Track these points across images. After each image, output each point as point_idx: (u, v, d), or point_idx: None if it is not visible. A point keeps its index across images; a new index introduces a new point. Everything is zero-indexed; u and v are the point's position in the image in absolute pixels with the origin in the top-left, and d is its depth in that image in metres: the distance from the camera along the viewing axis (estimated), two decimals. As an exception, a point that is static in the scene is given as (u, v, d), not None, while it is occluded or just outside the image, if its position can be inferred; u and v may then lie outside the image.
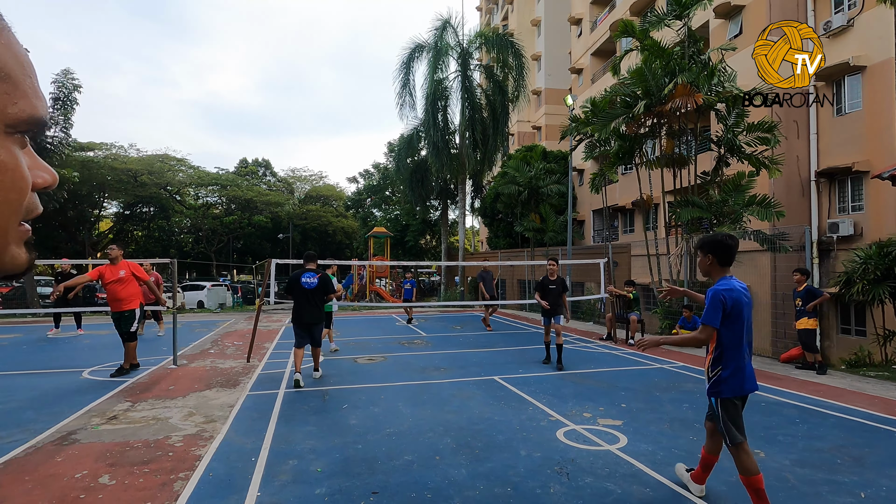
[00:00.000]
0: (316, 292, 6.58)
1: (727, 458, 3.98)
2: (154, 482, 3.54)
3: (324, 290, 6.61)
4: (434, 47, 21.55)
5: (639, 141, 12.74)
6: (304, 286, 6.54)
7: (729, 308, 3.00)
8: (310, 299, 6.56)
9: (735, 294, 3.02)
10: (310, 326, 6.62)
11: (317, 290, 6.58)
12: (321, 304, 6.67)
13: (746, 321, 3.05)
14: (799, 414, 5.29)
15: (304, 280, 6.55)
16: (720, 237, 3.17)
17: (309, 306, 6.56)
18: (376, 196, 41.42)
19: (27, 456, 4.02)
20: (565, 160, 23.58)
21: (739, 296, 3.03)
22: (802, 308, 7.56)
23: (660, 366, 7.87)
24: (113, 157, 34.17)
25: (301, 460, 3.96)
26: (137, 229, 40.95)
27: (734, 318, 3.01)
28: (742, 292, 3.07)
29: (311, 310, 6.58)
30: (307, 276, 6.59)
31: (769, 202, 10.63)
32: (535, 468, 3.80)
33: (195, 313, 18.50)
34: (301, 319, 6.58)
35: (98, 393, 6.00)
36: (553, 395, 5.98)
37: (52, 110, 17.93)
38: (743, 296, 3.05)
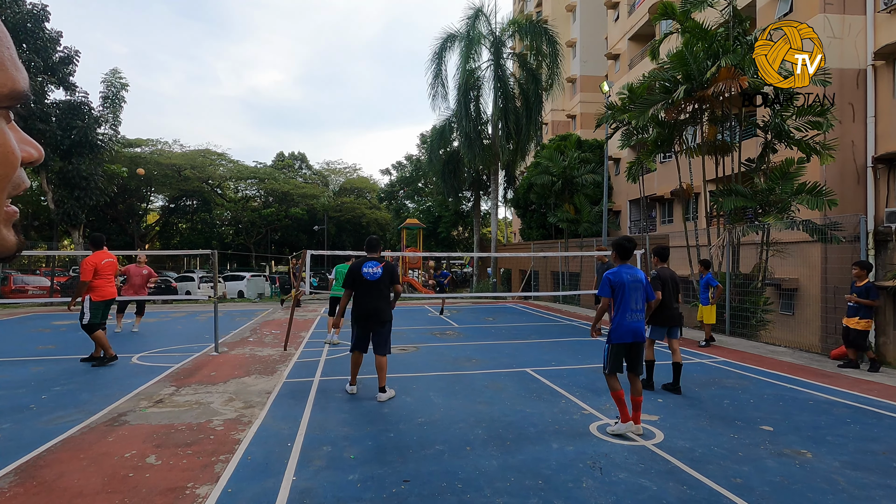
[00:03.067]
0: (381, 284, 5.52)
1: (771, 458, 3.81)
2: (196, 463, 3.69)
3: (390, 281, 5.58)
4: (466, 37, 21.33)
5: (678, 128, 12.26)
6: (366, 277, 5.47)
7: (613, 284, 4.41)
8: (373, 292, 5.49)
9: (617, 276, 4.42)
10: (374, 326, 5.52)
11: (381, 280, 5.51)
12: (387, 299, 5.61)
13: (626, 293, 4.37)
14: (851, 414, 5.01)
15: (365, 270, 5.49)
16: (620, 240, 4.55)
17: (373, 300, 5.48)
18: (409, 188, 41.67)
19: (82, 435, 4.27)
20: (601, 149, 23.00)
21: (620, 276, 4.41)
22: (856, 304, 7.03)
23: (699, 360, 7.62)
24: (158, 152, 35.70)
25: (335, 447, 4.05)
26: (182, 222, 42.69)
27: (617, 291, 4.41)
28: (624, 274, 4.42)
29: (376, 304, 5.49)
30: (369, 266, 5.52)
31: (820, 190, 10.05)
32: (567, 462, 3.76)
33: (235, 303, 19.18)
34: (363, 317, 5.51)
35: (146, 377, 6.31)
36: (587, 388, 5.89)
37: (102, 108, 18.82)
38: (624, 276, 4.41)
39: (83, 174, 17.71)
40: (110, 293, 7.14)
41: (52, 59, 17.13)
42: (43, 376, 6.36)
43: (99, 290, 6.96)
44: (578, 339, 9.60)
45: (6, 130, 0.48)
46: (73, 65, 17.83)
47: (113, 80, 19.10)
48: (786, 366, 7.30)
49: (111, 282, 7.20)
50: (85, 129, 17.42)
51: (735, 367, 7.18)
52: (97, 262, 6.92)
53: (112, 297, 7.21)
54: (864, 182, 13.36)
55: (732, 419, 4.76)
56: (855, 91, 13.56)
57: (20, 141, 0.50)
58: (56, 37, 17.32)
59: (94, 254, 7.00)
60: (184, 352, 8.05)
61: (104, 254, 7.10)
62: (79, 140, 17.32)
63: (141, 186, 34.96)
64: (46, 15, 16.99)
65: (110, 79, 19.08)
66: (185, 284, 23.63)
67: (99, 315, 7.01)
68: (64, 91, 17.92)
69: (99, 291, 6.96)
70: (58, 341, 9.09)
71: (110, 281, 7.17)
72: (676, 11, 11.47)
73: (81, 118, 17.59)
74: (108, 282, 7.12)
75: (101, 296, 6.98)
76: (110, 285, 7.17)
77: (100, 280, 6.95)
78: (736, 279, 10.54)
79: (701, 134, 12.16)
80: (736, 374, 6.74)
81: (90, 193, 18.15)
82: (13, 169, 0.48)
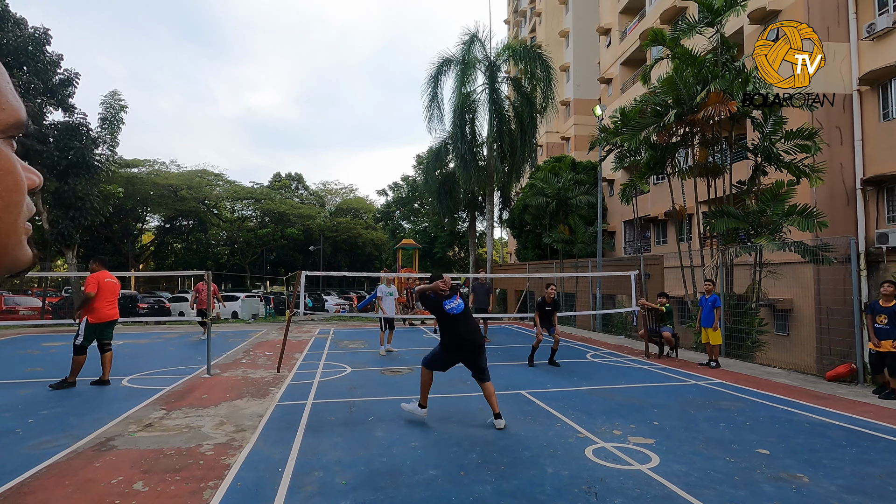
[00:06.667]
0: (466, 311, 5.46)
1: (768, 483, 3.78)
2: (185, 490, 3.62)
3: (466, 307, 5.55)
4: (462, 61, 21.75)
5: (670, 150, 12.47)
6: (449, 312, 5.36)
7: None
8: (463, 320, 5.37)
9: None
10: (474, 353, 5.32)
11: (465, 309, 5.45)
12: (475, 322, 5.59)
13: None
14: (846, 436, 4.99)
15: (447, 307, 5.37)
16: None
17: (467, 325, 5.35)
18: (405, 208, 41.84)
19: (68, 461, 4.19)
20: (595, 170, 23.28)
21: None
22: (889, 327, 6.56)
23: (695, 382, 7.59)
24: (155, 172, 35.83)
25: (327, 472, 3.98)
26: (177, 242, 42.59)
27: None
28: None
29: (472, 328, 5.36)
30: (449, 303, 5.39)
31: (811, 212, 10.19)
32: (562, 486, 3.71)
33: (229, 323, 19.01)
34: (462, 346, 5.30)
35: (136, 400, 6.21)
36: (582, 410, 5.84)
37: (100, 129, 18.96)
38: None
39: (79, 194, 17.71)
40: (109, 315, 7.04)
41: (52, 81, 17.31)
42: (30, 399, 6.25)
43: (97, 311, 6.88)
44: (574, 361, 9.55)
45: (15, 158, 0.52)
46: (73, 87, 18.02)
47: (112, 101, 19.29)
48: (781, 387, 7.28)
49: (112, 303, 7.10)
50: (82, 149, 17.49)
51: (730, 388, 7.15)
52: (100, 279, 6.90)
53: (112, 319, 7.11)
54: (854, 204, 13.56)
55: (728, 442, 4.73)
56: (841, 115, 13.87)
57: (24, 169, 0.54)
58: (57, 59, 17.54)
59: (97, 272, 6.96)
60: (175, 374, 7.94)
61: (107, 273, 7.09)
62: (76, 161, 17.37)
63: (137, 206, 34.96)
64: (48, 38, 17.24)
65: (109, 101, 19.27)
66: (178, 305, 23.43)
67: (92, 337, 6.92)
68: (62, 112, 18.06)
69: (96, 313, 6.88)
70: (46, 363, 8.95)
71: (111, 302, 7.08)
72: (666, 38, 11.78)
73: (79, 139, 17.68)
74: (109, 303, 7.03)
75: (98, 318, 6.90)
76: (110, 307, 7.07)
77: (99, 301, 6.88)
78: (730, 300, 10.58)
79: (693, 156, 12.36)
80: (731, 395, 6.71)
81: (85, 213, 18.12)
82: (24, 196, 0.52)
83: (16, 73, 15.79)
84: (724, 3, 10.80)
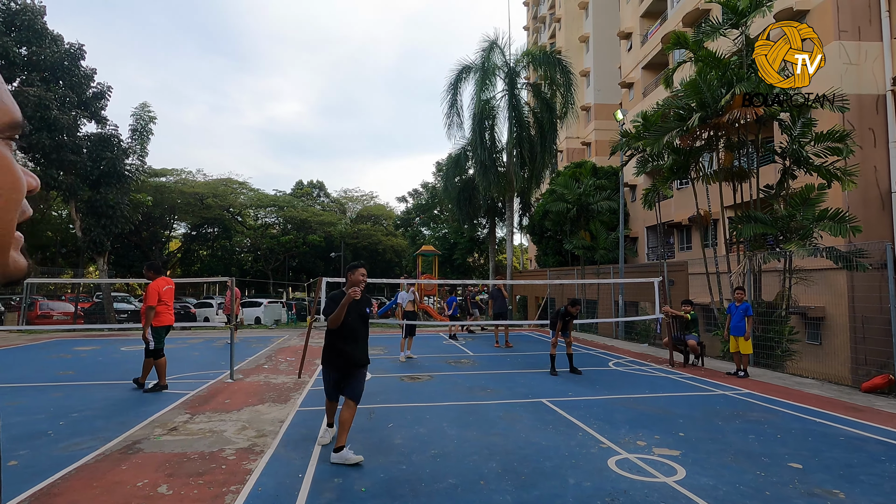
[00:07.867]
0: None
1: (801, 499, 3.62)
2: (207, 494, 3.66)
3: None
4: (481, 68, 21.79)
5: (694, 154, 12.22)
6: None
7: None
8: None
9: None
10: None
11: None
12: None
13: None
14: (885, 451, 4.76)
15: None
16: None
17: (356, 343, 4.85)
18: (425, 215, 42.02)
19: (96, 463, 4.29)
20: (616, 176, 22.95)
21: None
22: None
23: (723, 392, 7.37)
24: (182, 181, 36.84)
25: (346, 478, 3.98)
26: (202, 249, 43.60)
27: None
28: None
29: None
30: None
31: (843, 216, 9.83)
32: (584, 498, 3.63)
33: (252, 329, 19.32)
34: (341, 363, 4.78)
35: (162, 404, 6.34)
36: (604, 420, 5.72)
37: (131, 140, 19.60)
38: None
39: (110, 203, 18.32)
40: (168, 319, 7.25)
41: (85, 94, 18.00)
42: (62, 402, 6.44)
43: (159, 315, 7.10)
44: (596, 369, 9.39)
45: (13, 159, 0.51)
46: (105, 99, 18.71)
47: (142, 113, 19.96)
48: (813, 398, 7.01)
49: (170, 308, 7.31)
50: (114, 159, 18.12)
51: (760, 399, 6.92)
52: (159, 288, 7.07)
53: (170, 324, 7.31)
54: (889, 208, 13.06)
55: (758, 455, 4.56)
56: (875, 116, 13.41)
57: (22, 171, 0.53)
58: (90, 73, 18.24)
59: (155, 280, 7.10)
60: (199, 378, 8.10)
61: (165, 280, 7.26)
62: (107, 170, 18.00)
63: (164, 214, 35.94)
64: (83, 53, 17.95)
65: (139, 112, 19.94)
66: (203, 311, 23.93)
67: (163, 339, 7.18)
68: (95, 124, 18.75)
69: (159, 318, 7.11)
70: (78, 367, 9.23)
71: (170, 307, 7.29)
72: (689, 41, 11.59)
73: (111, 150, 18.32)
74: (168, 308, 7.24)
75: (161, 321, 7.14)
76: (169, 312, 7.28)
77: (161, 306, 7.09)
78: (759, 307, 10.26)
79: (717, 160, 12.09)
80: (761, 406, 6.49)
81: (116, 221, 18.73)
82: (22, 194, 0.52)
83: (52, 87, 16.49)
84: (748, 5, 10.58)
